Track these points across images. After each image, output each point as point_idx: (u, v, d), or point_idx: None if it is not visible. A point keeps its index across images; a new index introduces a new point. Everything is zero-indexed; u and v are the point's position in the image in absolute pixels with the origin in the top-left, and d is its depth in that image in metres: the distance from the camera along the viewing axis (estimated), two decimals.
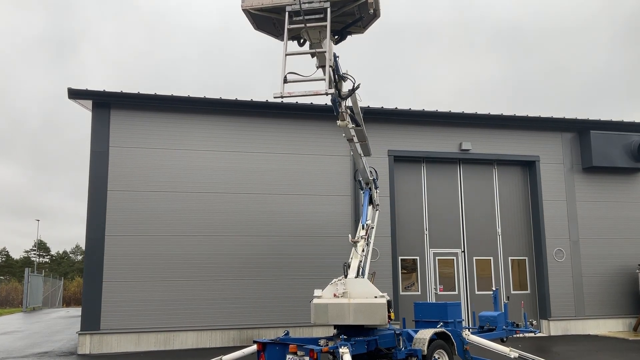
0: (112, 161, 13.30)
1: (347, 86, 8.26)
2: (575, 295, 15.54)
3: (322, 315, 7.91)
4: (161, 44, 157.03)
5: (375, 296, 7.94)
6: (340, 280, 8.25)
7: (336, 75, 7.83)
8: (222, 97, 13.89)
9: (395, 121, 15.17)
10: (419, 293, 15.01)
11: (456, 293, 15.27)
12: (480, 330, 10.08)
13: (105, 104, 13.50)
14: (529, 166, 16.23)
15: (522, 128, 16.06)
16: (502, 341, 9.89)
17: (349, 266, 8.71)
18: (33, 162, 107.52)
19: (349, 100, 8.53)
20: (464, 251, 15.58)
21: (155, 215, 13.32)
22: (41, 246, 69.67)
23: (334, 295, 8.01)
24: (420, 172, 15.68)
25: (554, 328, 15.24)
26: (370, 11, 7.49)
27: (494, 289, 11.77)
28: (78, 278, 50.65)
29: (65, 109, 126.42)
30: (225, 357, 9.01)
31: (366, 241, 9.23)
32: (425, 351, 8.18)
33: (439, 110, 15.22)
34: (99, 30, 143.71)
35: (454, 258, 15.52)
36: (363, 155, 10.03)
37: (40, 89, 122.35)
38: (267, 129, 14.32)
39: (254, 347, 8.48)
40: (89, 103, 13.56)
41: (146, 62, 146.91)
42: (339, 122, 8.42)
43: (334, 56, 7.74)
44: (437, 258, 15.38)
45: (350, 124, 8.66)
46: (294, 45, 7.99)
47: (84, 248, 14.07)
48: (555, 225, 15.71)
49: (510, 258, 15.91)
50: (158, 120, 13.75)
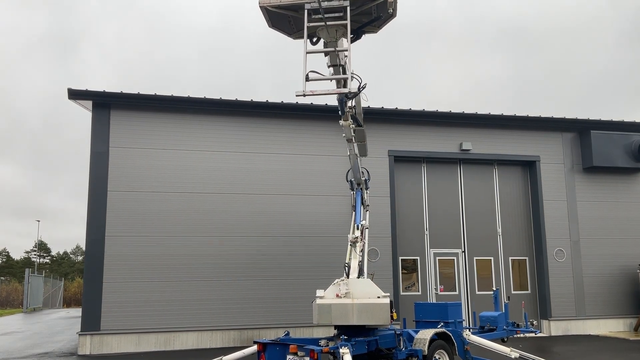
0: (112, 162, 13.30)
1: (353, 85, 8.25)
2: (575, 295, 15.53)
3: (326, 315, 7.88)
4: (163, 43, 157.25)
5: (378, 296, 7.93)
6: (342, 280, 8.23)
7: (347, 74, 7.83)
8: (222, 98, 13.90)
9: (396, 121, 15.16)
10: (420, 293, 15.00)
11: (457, 293, 15.26)
12: (481, 331, 10.07)
13: (105, 105, 13.50)
14: (529, 166, 16.22)
15: (523, 128, 16.05)
16: (503, 341, 9.88)
17: (349, 266, 8.70)
18: (34, 162, 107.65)
19: (352, 100, 8.53)
20: (464, 251, 15.57)
21: (156, 216, 13.32)
22: (41, 247, 69.72)
23: (337, 295, 7.99)
24: (420, 172, 15.67)
25: (555, 328, 15.23)
26: (390, 10, 7.50)
27: (494, 289, 11.79)
28: (78, 279, 50.69)
29: (66, 108, 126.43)
30: (225, 358, 8.99)
31: (362, 241, 9.24)
32: (426, 351, 8.17)
33: (440, 110, 15.22)
34: (100, 30, 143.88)
35: (455, 258, 15.51)
36: (359, 155, 10.01)
37: (41, 89, 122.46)
38: (267, 129, 14.32)
39: (255, 348, 8.47)
40: (89, 103, 13.55)
41: (148, 61, 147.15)
42: (343, 122, 8.43)
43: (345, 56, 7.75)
44: (438, 258, 15.37)
45: (352, 124, 8.66)
46: (309, 44, 7.96)
47: (84, 249, 14.05)
48: (556, 225, 15.70)
49: (510, 258, 15.90)
50: (158, 120, 13.75)
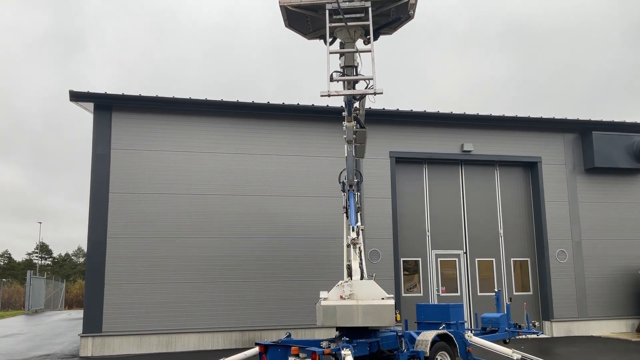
0: (114, 163, 13.31)
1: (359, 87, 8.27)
2: (577, 297, 15.51)
3: (331, 317, 7.86)
4: (166, 41, 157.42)
5: (383, 297, 7.94)
6: (346, 282, 8.23)
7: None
8: (224, 99, 13.91)
9: (397, 122, 15.16)
10: (421, 294, 14.99)
11: (458, 294, 15.24)
12: (483, 332, 10.06)
13: (106, 107, 13.51)
14: (531, 167, 16.21)
15: (524, 129, 16.04)
16: (505, 343, 9.87)
17: (350, 268, 8.70)
18: (35, 163, 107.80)
19: (359, 101, 8.57)
20: (466, 252, 15.56)
21: (157, 218, 13.33)
22: (43, 248, 69.78)
23: (341, 297, 7.99)
24: (422, 174, 15.66)
25: (557, 329, 15.20)
26: (411, 12, 7.55)
27: (496, 290, 11.76)
28: (80, 280, 50.70)
29: (68, 108, 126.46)
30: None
31: (359, 242, 9.25)
32: (428, 353, 8.16)
33: (441, 111, 15.21)
34: (103, 29, 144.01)
35: (456, 259, 15.49)
36: (357, 157, 10.02)
37: (43, 88, 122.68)
38: (270, 130, 14.32)
39: (256, 350, 8.49)
40: (91, 105, 13.56)
41: (151, 60, 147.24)
42: (347, 123, 8.45)
43: (355, 57, 7.78)
44: (439, 259, 15.36)
45: (355, 126, 8.69)
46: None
47: (86, 250, 14.07)
48: (558, 226, 15.68)
49: (512, 259, 15.88)
50: (159, 122, 13.77)
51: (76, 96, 13.24)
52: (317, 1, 7.35)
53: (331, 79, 7.21)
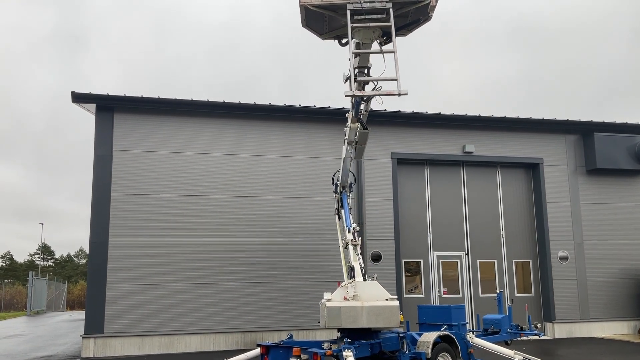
0: (116, 165, 13.33)
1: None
2: (579, 298, 15.48)
3: (335, 318, 7.85)
4: (170, 40, 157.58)
5: (387, 299, 7.95)
6: (350, 283, 8.23)
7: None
8: (226, 101, 13.93)
9: (398, 124, 15.16)
10: (423, 296, 14.98)
11: (460, 296, 15.23)
12: (485, 333, 10.05)
13: (108, 108, 13.54)
14: (532, 168, 16.19)
15: (526, 130, 16.02)
16: (507, 344, 9.87)
17: (351, 268, 8.70)
18: (37, 164, 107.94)
19: (367, 103, 8.58)
20: (467, 254, 15.54)
21: (159, 219, 13.34)
22: (45, 249, 69.91)
23: (344, 298, 8.00)
24: (423, 175, 15.66)
25: (559, 331, 15.18)
26: (430, 14, 7.55)
27: (498, 291, 11.74)
28: (82, 281, 50.77)
29: (70, 109, 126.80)
30: None
31: (358, 243, 9.28)
32: (430, 354, 8.14)
33: (442, 112, 15.21)
34: (107, 28, 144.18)
35: (458, 261, 15.48)
36: (355, 158, 10.03)
37: (45, 88, 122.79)
38: (270, 131, 14.33)
39: (258, 351, 8.49)
40: (93, 107, 13.59)
41: (155, 59, 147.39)
42: (351, 124, 8.45)
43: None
44: (441, 261, 15.35)
45: (358, 127, 8.70)
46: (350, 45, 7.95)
47: (87, 251, 14.08)
48: (559, 227, 15.66)
49: (514, 260, 15.86)
50: (161, 123, 13.78)
51: (78, 97, 13.27)
52: (339, 1, 7.35)
53: (355, 79, 7.20)
